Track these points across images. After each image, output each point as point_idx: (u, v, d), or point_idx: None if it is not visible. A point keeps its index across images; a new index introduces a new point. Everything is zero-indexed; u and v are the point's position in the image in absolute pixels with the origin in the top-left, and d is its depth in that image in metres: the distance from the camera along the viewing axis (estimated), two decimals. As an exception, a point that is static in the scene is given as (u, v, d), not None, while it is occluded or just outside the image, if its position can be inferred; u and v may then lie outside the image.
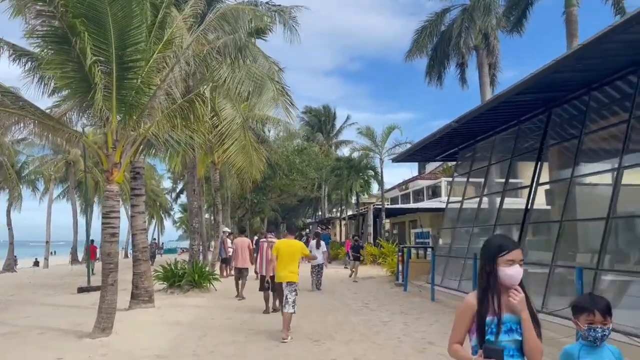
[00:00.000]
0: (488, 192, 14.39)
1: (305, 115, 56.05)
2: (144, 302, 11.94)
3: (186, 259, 20.28)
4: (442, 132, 13.85)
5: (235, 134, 14.80)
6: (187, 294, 14.96)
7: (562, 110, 11.32)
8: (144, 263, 12.07)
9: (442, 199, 28.43)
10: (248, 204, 39.02)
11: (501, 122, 13.39)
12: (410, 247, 17.70)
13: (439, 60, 23.18)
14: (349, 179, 32.43)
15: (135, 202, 12.20)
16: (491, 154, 14.45)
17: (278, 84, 15.35)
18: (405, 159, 18.95)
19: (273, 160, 33.53)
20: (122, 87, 8.78)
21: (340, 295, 14.89)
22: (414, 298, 14.00)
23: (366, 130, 29.63)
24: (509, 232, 13.05)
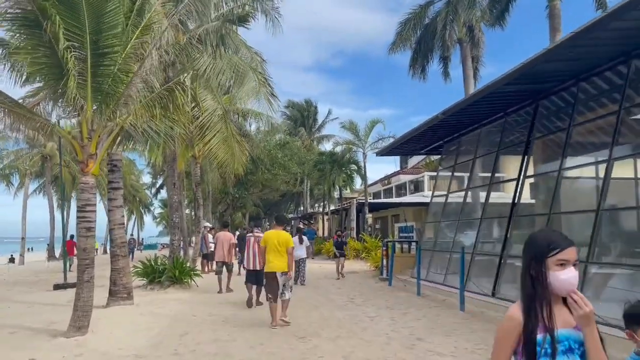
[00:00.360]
0: (473, 185, 14.26)
1: (287, 110, 55.63)
2: (122, 299, 11.53)
3: (166, 255, 19.86)
4: (427, 125, 13.66)
5: (216, 126, 14.41)
6: (168, 290, 14.56)
7: (550, 102, 11.20)
8: (122, 259, 11.65)
9: (425, 194, 28.41)
10: (230, 199, 38.53)
11: (487, 115, 13.25)
12: (394, 242, 17.51)
13: (422, 53, 23.03)
14: (331, 174, 32.20)
15: (113, 195, 11.76)
16: (477, 147, 14.31)
17: (260, 74, 14.99)
18: (390, 152, 18.77)
19: (255, 154, 33.17)
20: (97, 75, 8.36)
21: (325, 290, 14.64)
22: (399, 293, 13.82)
23: (349, 124, 29.43)
24: (495, 226, 12.95)
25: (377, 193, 38.84)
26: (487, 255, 12.28)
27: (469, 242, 13.31)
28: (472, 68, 22.22)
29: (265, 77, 15.20)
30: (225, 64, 14.59)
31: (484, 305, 10.52)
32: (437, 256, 14.89)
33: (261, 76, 14.98)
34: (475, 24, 21.03)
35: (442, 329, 8.68)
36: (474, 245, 12.58)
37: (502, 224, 12.43)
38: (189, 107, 9.96)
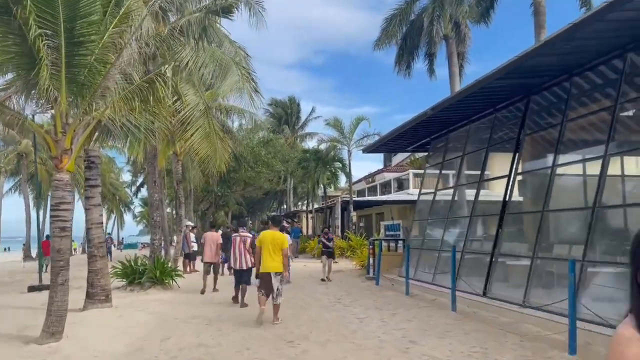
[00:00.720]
0: (462, 183, 14.03)
1: (270, 107, 55.16)
2: (100, 302, 11.04)
3: (147, 254, 19.29)
4: (416, 121, 13.38)
5: (198, 121, 13.93)
6: (148, 292, 14.08)
7: (541, 97, 10.98)
8: (100, 259, 11.15)
9: (410, 191, 28.22)
10: (212, 197, 37.93)
11: (476, 111, 13.01)
12: (381, 240, 17.23)
13: (408, 49, 22.79)
14: (316, 171, 31.82)
15: (91, 193, 11.24)
16: (465, 143, 14.08)
17: (244, 69, 14.55)
18: (377, 149, 18.47)
19: (238, 152, 32.64)
20: (72, 65, 7.87)
21: (311, 290, 14.29)
22: (387, 292, 13.53)
23: (334, 121, 29.08)
24: (485, 224, 12.73)
25: (361, 191, 38.59)
26: (478, 253, 12.05)
27: (458, 241, 13.07)
28: (457, 65, 22.03)
29: (249, 72, 14.77)
30: (208, 57, 14.13)
31: (476, 305, 10.27)
32: (425, 255, 14.64)
33: (245, 71, 14.54)
34: (462, 20, 20.85)
35: (435, 331, 8.39)
36: (464, 243, 12.34)
37: (492, 222, 12.21)
38: (170, 101, 9.48)
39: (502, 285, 10.62)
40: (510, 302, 9.56)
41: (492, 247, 11.07)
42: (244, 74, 14.34)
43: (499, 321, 8.94)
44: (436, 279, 13.05)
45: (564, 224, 9.83)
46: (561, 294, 8.56)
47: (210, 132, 14.12)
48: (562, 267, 8.97)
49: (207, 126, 14.10)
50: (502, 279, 10.78)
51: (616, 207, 8.66)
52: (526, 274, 9.62)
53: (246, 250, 11.46)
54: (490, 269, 10.92)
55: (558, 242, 9.61)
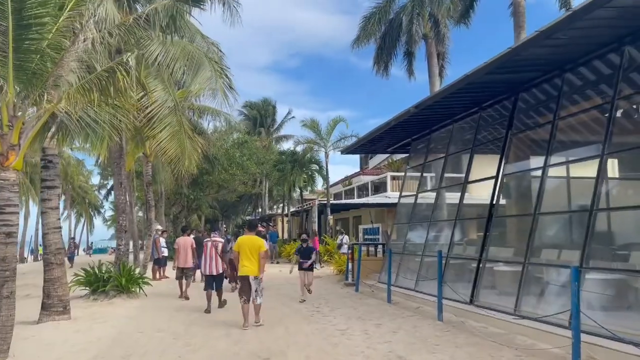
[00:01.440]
0: (445, 185, 13.47)
1: (245, 110, 54.21)
2: (57, 314, 10.09)
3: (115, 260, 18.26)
4: (398, 120, 12.78)
5: (166, 119, 13.08)
6: (113, 301, 13.13)
7: (530, 95, 10.49)
8: (57, 267, 10.21)
9: (388, 194, 27.74)
10: (184, 201, 36.76)
11: (461, 109, 12.49)
12: (360, 244, 16.58)
13: (387, 49, 22.31)
14: (292, 174, 31.04)
15: (47, 195, 10.30)
16: (448, 144, 13.55)
17: (217, 64, 13.73)
18: (355, 150, 17.83)
19: (211, 153, 31.66)
20: (21, 50, 7.01)
21: (287, 297, 13.54)
22: (368, 300, 12.86)
23: (310, 122, 28.39)
24: (472, 228, 12.19)
25: (338, 194, 37.97)
26: (463, 259, 11.49)
27: (442, 245, 12.51)
28: (437, 65, 21.63)
29: (223, 68, 13.96)
30: (179, 51, 13.29)
31: (463, 314, 9.67)
32: (407, 260, 14.04)
33: (218, 66, 13.73)
34: (441, 19, 20.43)
35: (423, 344, 7.73)
36: (448, 248, 11.76)
37: (477, 225, 11.69)
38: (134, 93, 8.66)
39: (491, 292, 10.06)
40: (500, 311, 9.00)
41: (479, 252, 10.52)
42: (217, 69, 13.54)
43: (489, 332, 8.35)
44: (419, 286, 12.45)
45: (558, 227, 9.32)
46: (556, 303, 8.03)
47: (179, 131, 13.28)
48: (557, 274, 8.45)
49: (176, 124, 13.27)
50: (490, 286, 10.22)
51: (616, 210, 8.17)
52: (516, 281, 9.07)
53: (217, 255, 11.45)
54: (477, 275, 10.36)
55: (551, 247, 9.08)
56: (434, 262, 12.55)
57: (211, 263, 11.41)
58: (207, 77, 13.33)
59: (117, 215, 14.11)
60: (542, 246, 9.08)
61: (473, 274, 10.55)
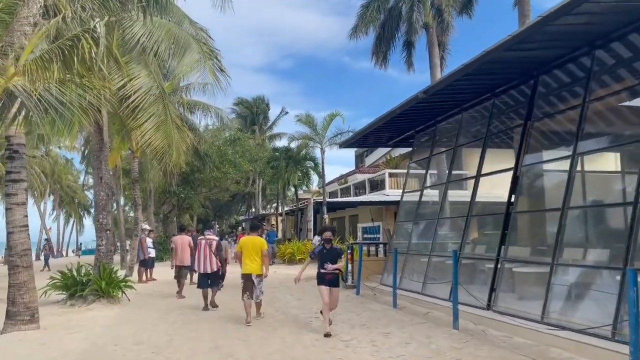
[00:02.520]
0: (454, 179, 12.42)
1: (237, 107, 52.96)
2: (23, 323, 8.95)
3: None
4: (404, 107, 11.70)
5: (151, 107, 11.93)
6: (92, 307, 12.01)
7: (552, 77, 9.45)
8: (23, 271, 9.06)
9: (386, 192, 26.69)
10: (175, 200, 35.51)
11: (471, 95, 11.45)
12: (361, 244, 15.50)
13: (386, 38, 21.23)
14: (286, 171, 29.87)
15: (12, 190, 9.13)
16: (457, 135, 12.50)
17: (205, 45, 12.59)
18: (354, 143, 16.73)
19: (203, 150, 30.47)
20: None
21: (283, 302, 12.44)
22: (371, 304, 11.78)
23: (305, 117, 27.24)
24: (487, 226, 11.15)
25: (333, 192, 36.87)
26: (478, 259, 10.44)
27: (452, 244, 11.48)
28: (439, 56, 20.56)
29: (212, 50, 12.82)
30: (163, 33, 12.16)
31: (481, 321, 8.62)
32: (412, 260, 12.98)
33: (207, 47, 12.59)
34: (445, 8, 19.37)
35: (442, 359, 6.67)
36: (460, 247, 10.70)
37: (493, 222, 10.65)
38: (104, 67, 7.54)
39: (511, 296, 9.02)
40: (524, 318, 7.96)
41: (497, 251, 9.47)
42: (206, 51, 12.41)
43: (515, 343, 7.29)
44: (427, 289, 11.40)
45: (593, 223, 8.27)
46: (594, 310, 7.00)
47: (165, 120, 12.14)
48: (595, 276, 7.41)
49: (162, 113, 12.13)
50: (510, 289, 9.18)
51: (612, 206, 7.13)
52: (542, 284, 8.04)
53: (212, 253, 11.40)
54: (495, 278, 9.32)
55: (582, 246, 8.04)
56: (443, 263, 11.53)
57: (205, 261, 11.32)
58: (196, 60, 12.21)
59: (96, 214, 12.94)
60: (573, 244, 8.04)
61: (490, 275, 9.52)
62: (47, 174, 54.09)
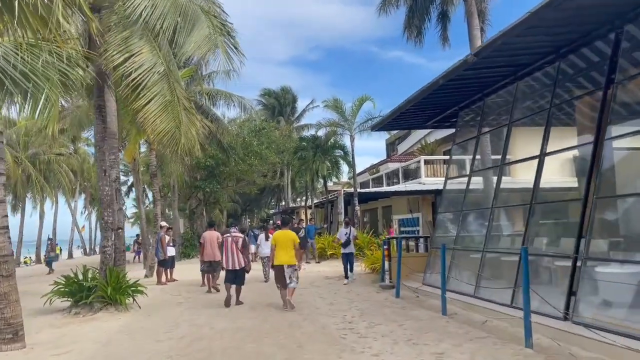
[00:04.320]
0: (511, 161, 10.53)
1: (263, 99, 51.57)
2: (4, 342, 7.58)
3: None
4: (449, 76, 9.84)
5: (155, 87, 10.42)
6: (97, 316, 10.70)
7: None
8: (3, 281, 7.68)
9: (422, 180, 24.78)
10: (201, 194, 34.26)
11: (530, 59, 9.53)
12: (400, 239, 13.73)
13: (419, 10, 19.27)
14: (314, 161, 28.17)
15: (-12, 184, 7.73)
16: (512, 109, 10.57)
17: (216, 18, 11.00)
18: (388, 125, 14.87)
19: (227, 142, 29.11)
20: None
21: (311, 307, 10.82)
22: (414, 310, 10.04)
23: (333, 102, 25.45)
24: (557, 215, 9.25)
25: (364, 183, 35.04)
26: (548, 256, 8.57)
27: (510, 238, 9.65)
28: (479, 27, 18.47)
29: (224, 24, 11.23)
30: (169, 5, 10.66)
31: (559, 336, 6.81)
32: (461, 257, 11.19)
33: (218, 21, 11.01)
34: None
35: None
36: (523, 241, 8.86)
37: (564, 211, 8.76)
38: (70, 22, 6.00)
39: (598, 305, 7.16)
40: (618, 333, 6.13)
41: (575, 247, 7.59)
42: (218, 25, 10.83)
43: (617, 370, 5.48)
44: (481, 292, 9.60)
45: None
46: None
47: (171, 101, 10.62)
48: None
49: (168, 93, 10.60)
50: (594, 295, 7.30)
51: None
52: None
53: (238, 250, 11.47)
54: (573, 280, 7.46)
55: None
56: (500, 260, 9.71)
57: (233, 258, 11.46)
58: (205, 35, 10.65)
59: (102, 210, 11.55)
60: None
61: (565, 277, 7.67)
62: (75, 172, 53.78)
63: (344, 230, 15.16)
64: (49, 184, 45.95)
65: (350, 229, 15.06)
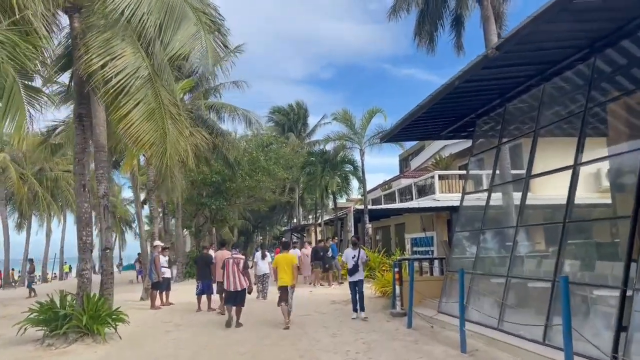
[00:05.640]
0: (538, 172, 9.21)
1: (274, 115, 50.82)
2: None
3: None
4: (464, 76, 8.63)
5: (138, 93, 9.36)
6: (70, 349, 9.57)
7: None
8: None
9: (436, 196, 23.45)
10: (207, 211, 33.17)
11: (560, 55, 8.31)
12: (412, 260, 12.41)
13: (430, 15, 18.15)
14: (323, 176, 26.96)
15: None
16: (538, 115, 9.32)
17: (205, 15, 9.95)
18: (397, 135, 13.58)
19: (233, 157, 28.09)
20: None
21: (311, 339, 9.55)
22: (428, 344, 8.71)
23: (342, 114, 24.29)
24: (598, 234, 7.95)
25: (376, 199, 33.71)
26: (591, 285, 7.22)
27: (541, 262, 8.34)
28: (496, 33, 17.31)
29: (214, 21, 10.20)
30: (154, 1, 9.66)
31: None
32: (481, 282, 9.87)
33: (207, 18, 9.96)
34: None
35: None
36: (555, 267, 7.54)
37: (607, 231, 7.46)
38: None
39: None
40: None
41: (624, 274, 6.27)
42: (206, 22, 9.79)
43: None
44: (506, 325, 8.26)
45: None
46: None
47: (156, 109, 9.54)
48: None
49: (152, 99, 9.54)
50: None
51: None
52: None
53: (240, 272, 11.55)
54: (622, 314, 6.13)
55: None
56: (527, 287, 8.39)
57: (234, 279, 11.54)
58: (191, 34, 9.61)
59: (78, 230, 10.43)
60: None
61: (611, 311, 6.34)
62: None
63: (351, 253, 12.15)
64: (56, 202, 45.27)
65: (360, 251, 12.16)
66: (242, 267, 11.57)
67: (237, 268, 11.53)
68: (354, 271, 11.99)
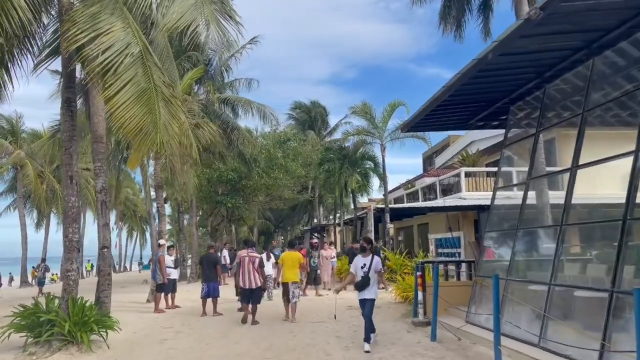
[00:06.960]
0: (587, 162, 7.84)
1: (294, 112, 49.86)
2: None
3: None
4: (500, 47, 7.29)
5: (127, 72, 8.30)
6: (53, 358, 8.54)
7: None
8: None
9: (463, 194, 22.06)
10: (224, 210, 32.22)
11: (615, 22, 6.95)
12: (436, 263, 11.10)
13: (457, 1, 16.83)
14: (341, 173, 25.68)
15: None
16: (587, 94, 7.95)
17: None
18: (420, 124, 12.18)
19: (249, 154, 27.08)
20: None
21: (321, 353, 8.36)
22: (456, 362, 7.44)
23: (361, 107, 22.96)
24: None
25: (398, 198, 32.34)
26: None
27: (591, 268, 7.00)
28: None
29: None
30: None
31: None
32: (517, 290, 8.53)
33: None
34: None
35: None
36: (614, 274, 6.20)
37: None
38: None
39: None
40: None
41: None
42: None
43: None
44: (549, 343, 6.93)
45: None
46: None
47: (147, 90, 8.47)
48: None
49: (143, 79, 8.46)
50: None
51: None
52: None
53: (255, 270, 11.76)
54: None
55: None
56: (575, 298, 7.06)
57: (249, 277, 11.72)
58: (190, 4, 8.53)
59: (63, 227, 9.44)
60: None
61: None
62: (105, 187, 53.03)
63: (361, 261, 8.81)
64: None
65: (372, 258, 8.73)
66: (258, 265, 11.85)
67: (252, 266, 11.78)
68: (364, 285, 8.62)
